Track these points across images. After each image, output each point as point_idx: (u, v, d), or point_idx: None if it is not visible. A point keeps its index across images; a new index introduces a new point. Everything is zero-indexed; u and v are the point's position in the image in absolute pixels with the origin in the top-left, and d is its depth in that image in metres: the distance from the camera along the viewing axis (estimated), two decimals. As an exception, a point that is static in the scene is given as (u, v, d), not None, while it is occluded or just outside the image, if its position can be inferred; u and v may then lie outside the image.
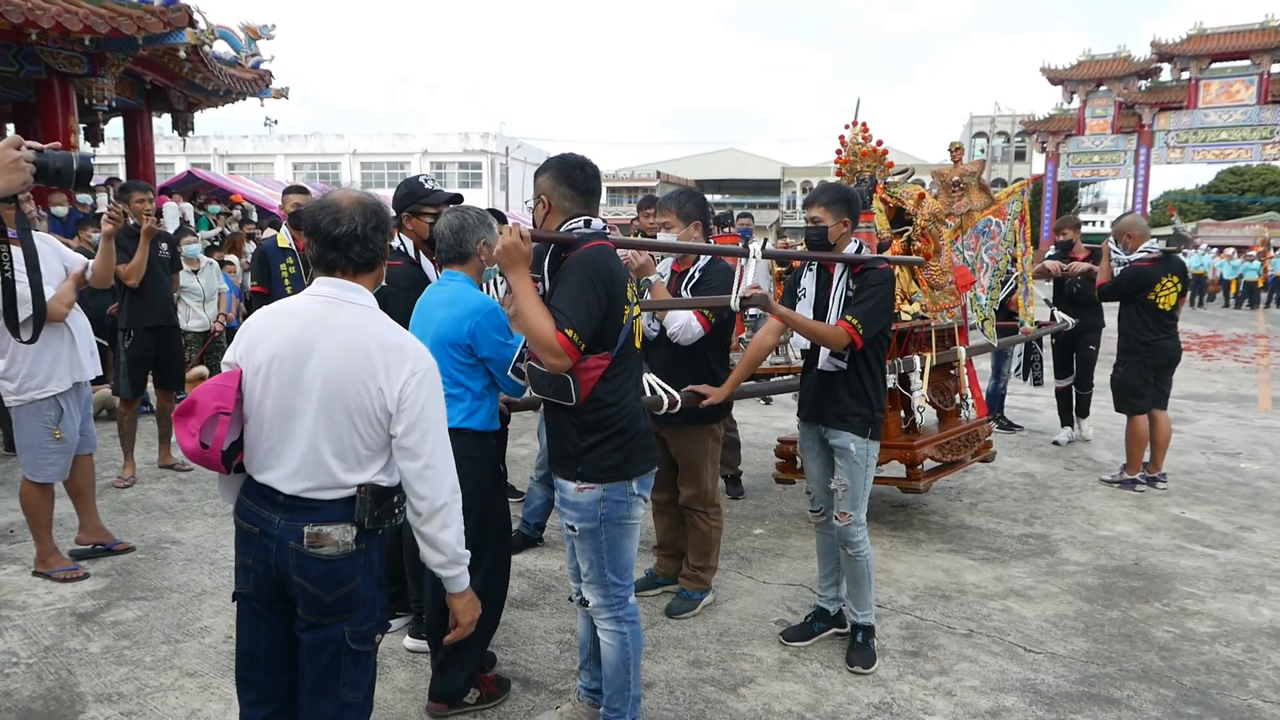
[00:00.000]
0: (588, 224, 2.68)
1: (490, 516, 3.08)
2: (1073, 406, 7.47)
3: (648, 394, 3.51)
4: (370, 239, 2.11)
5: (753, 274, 3.71)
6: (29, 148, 2.00)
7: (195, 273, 7.67)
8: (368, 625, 2.14)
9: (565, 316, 2.49)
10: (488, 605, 3.07)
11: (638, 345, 2.82)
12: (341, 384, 2.03)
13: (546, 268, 2.69)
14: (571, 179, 2.71)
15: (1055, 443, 7.41)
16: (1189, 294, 25.88)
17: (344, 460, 2.06)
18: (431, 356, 2.13)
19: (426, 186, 3.58)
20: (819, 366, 3.56)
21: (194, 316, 7.67)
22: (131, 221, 5.77)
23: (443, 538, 2.14)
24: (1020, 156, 49.76)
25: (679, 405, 3.63)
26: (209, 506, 5.47)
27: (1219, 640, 3.81)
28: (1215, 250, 29.10)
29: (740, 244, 4.39)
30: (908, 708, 3.23)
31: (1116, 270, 6.26)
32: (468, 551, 2.20)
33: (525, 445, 7.00)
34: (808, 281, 3.68)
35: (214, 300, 7.96)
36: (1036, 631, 3.86)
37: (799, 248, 4.07)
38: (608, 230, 2.76)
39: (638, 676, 2.85)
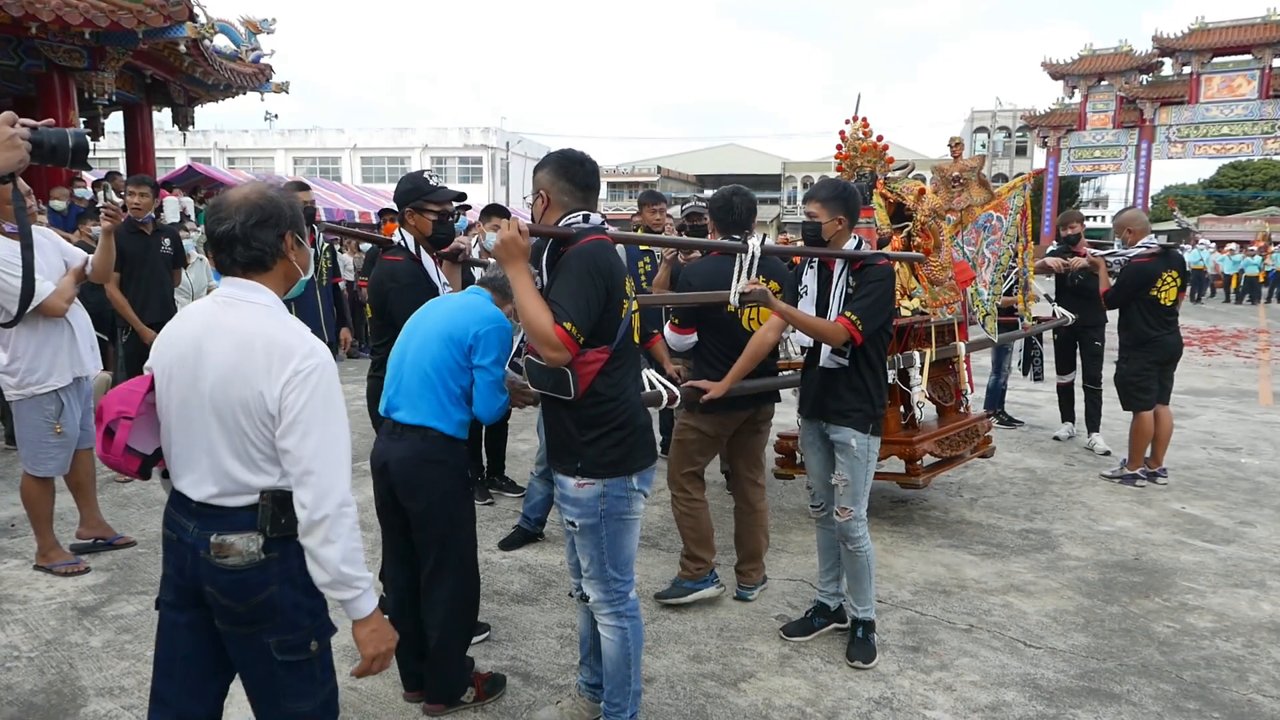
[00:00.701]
0: (586, 219, 2.67)
1: (455, 524, 3.07)
2: (1073, 405, 7.47)
3: (647, 389, 3.51)
4: (252, 238, 1.97)
5: (751, 271, 3.70)
6: (23, 124, 1.96)
7: (185, 268, 7.65)
8: (293, 635, 2.03)
9: (564, 310, 2.49)
10: (460, 612, 3.09)
11: (636, 340, 2.82)
12: (227, 385, 1.94)
13: (545, 262, 2.69)
14: (570, 174, 2.70)
15: (1056, 438, 7.41)
16: (1189, 289, 26.00)
17: (244, 465, 1.97)
18: (327, 356, 1.98)
19: (431, 183, 3.56)
20: (821, 363, 3.56)
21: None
22: (126, 210, 5.78)
23: (324, 554, 1.94)
24: (1021, 151, 49.69)
25: (679, 400, 3.63)
26: (210, 501, 5.48)
27: (1219, 635, 3.81)
28: (1215, 245, 29.06)
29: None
30: (908, 703, 3.23)
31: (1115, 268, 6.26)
32: (365, 575, 1.99)
33: (525, 441, 7.00)
34: (809, 278, 3.69)
35: (203, 296, 7.95)
36: (1037, 626, 3.87)
37: (798, 243, 4.07)
38: (605, 225, 2.76)
39: (638, 671, 2.85)
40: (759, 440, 4.21)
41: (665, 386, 3.60)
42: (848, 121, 5.02)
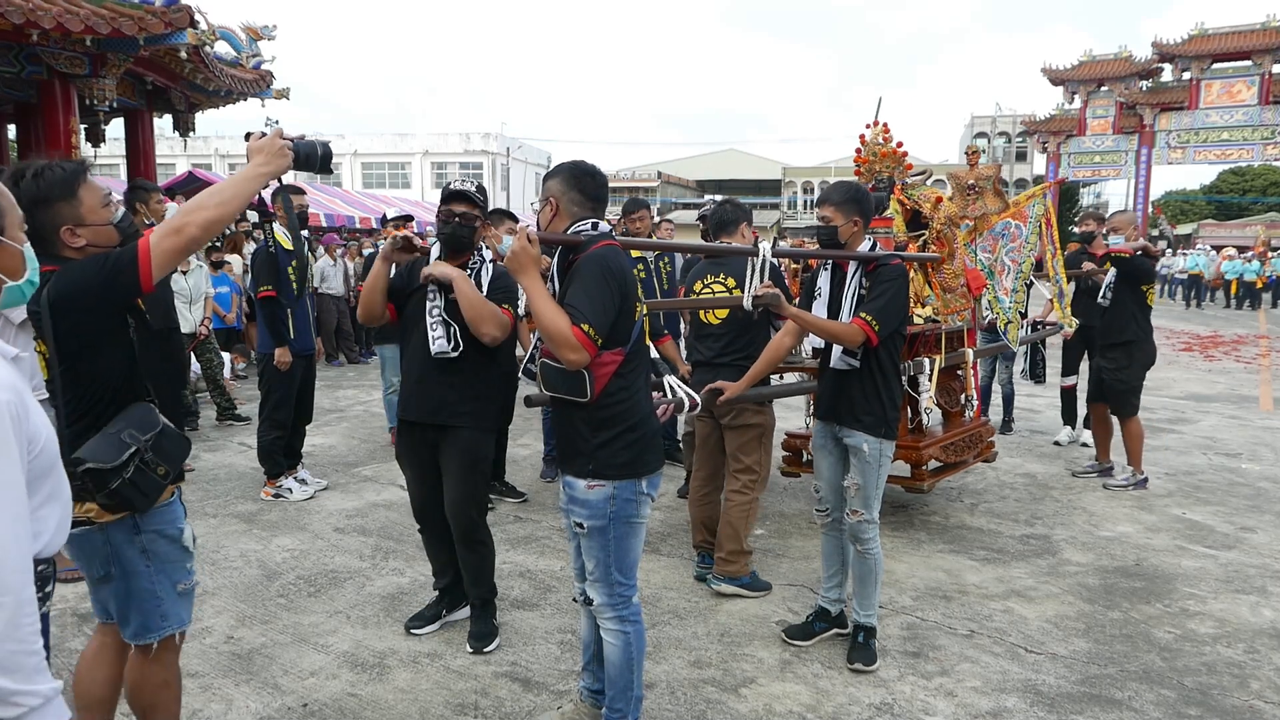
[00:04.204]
0: (594, 226, 2.72)
1: None
2: (1075, 409, 7.47)
3: (668, 396, 3.54)
4: None
5: (762, 274, 3.72)
6: (286, 137, 2.34)
7: (184, 274, 7.65)
8: None
9: (581, 312, 2.52)
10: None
11: (647, 343, 2.85)
12: None
13: (555, 270, 2.72)
14: (583, 185, 2.75)
15: (1056, 443, 7.41)
16: (1190, 294, 25.95)
17: None
18: None
19: (451, 188, 3.54)
20: (831, 364, 3.56)
21: (181, 318, 7.63)
22: (149, 223, 5.78)
23: None
24: (1021, 157, 49.71)
25: (699, 406, 3.65)
26: (209, 507, 5.48)
27: (1220, 641, 3.80)
28: (1214, 250, 29.08)
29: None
30: (909, 708, 3.23)
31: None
32: (35, 686, 1.45)
33: (526, 446, 7.01)
34: (823, 281, 3.69)
35: (200, 302, 7.94)
36: (1038, 632, 3.86)
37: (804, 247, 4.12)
38: (614, 232, 2.79)
39: (640, 676, 2.85)
40: (729, 437, 4.29)
41: (687, 393, 3.61)
42: (868, 126, 5.01)
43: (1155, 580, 4.47)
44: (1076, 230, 7.51)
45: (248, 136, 2.32)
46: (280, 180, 2.50)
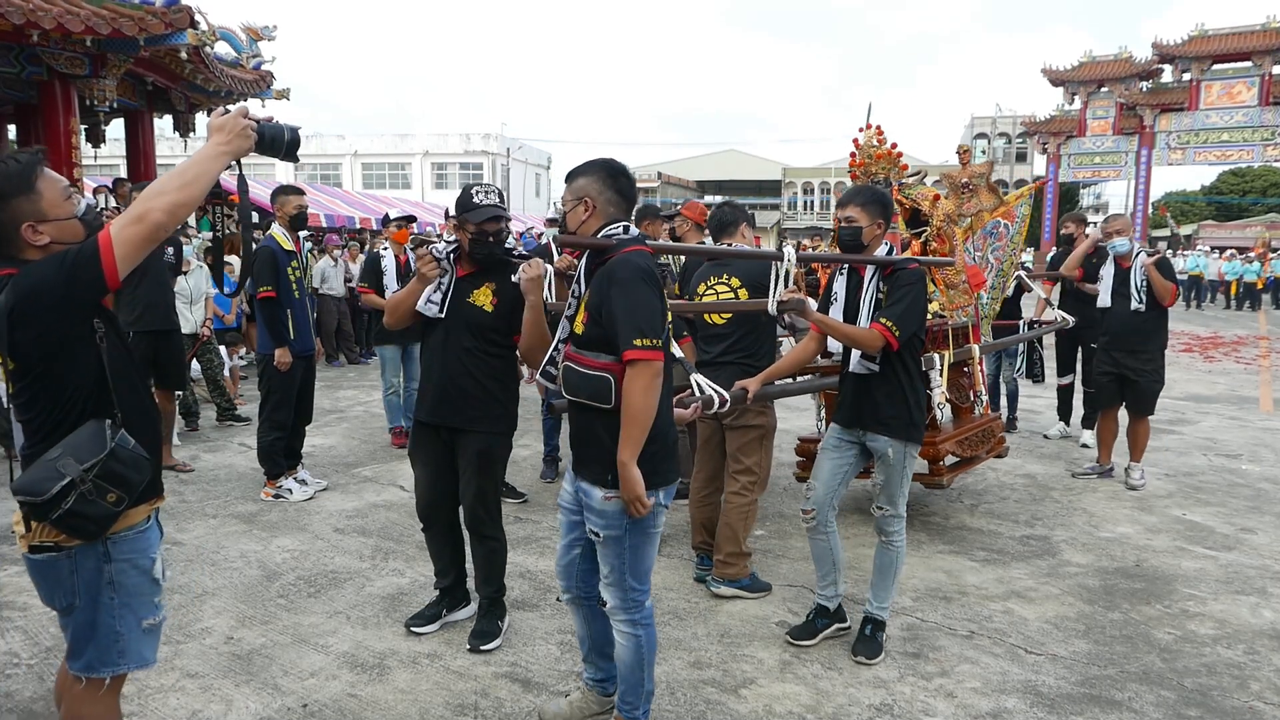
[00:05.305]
0: (626, 230, 2.70)
1: None
2: (1070, 406, 7.52)
3: (697, 394, 3.54)
4: None
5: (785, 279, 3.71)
6: (250, 118, 2.18)
7: (184, 274, 7.63)
8: None
9: (640, 329, 2.48)
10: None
11: (671, 350, 2.83)
12: None
13: (583, 271, 2.70)
14: (619, 185, 2.72)
15: (1045, 436, 7.48)
16: (1191, 295, 25.92)
17: None
18: None
19: (475, 199, 3.46)
20: (850, 368, 3.55)
21: (181, 319, 7.61)
22: None
23: None
24: (1021, 158, 49.70)
25: (729, 404, 3.65)
26: (210, 507, 5.48)
27: (1220, 642, 3.80)
28: (1217, 252, 29.11)
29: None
30: (909, 709, 3.23)
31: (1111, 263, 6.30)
32: None
33: (526, 446, 7.00)
34: (839, 285, 3.67)
35: (201, 303, 7.93)
36: (1038, 633, 3.86)
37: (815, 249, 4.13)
38: (645, 236, 2.80)
39: (651, 673, 2.87)
40: (731, 437, 4.28)
41: (716, 391, 3.61)
42: (861, 130, 5.02)
43: (1155, 581, 4.47)
44: (1061, 232, 7.59)
45: (209, 112, 2.24)
46: (241, 164, 2.34)
